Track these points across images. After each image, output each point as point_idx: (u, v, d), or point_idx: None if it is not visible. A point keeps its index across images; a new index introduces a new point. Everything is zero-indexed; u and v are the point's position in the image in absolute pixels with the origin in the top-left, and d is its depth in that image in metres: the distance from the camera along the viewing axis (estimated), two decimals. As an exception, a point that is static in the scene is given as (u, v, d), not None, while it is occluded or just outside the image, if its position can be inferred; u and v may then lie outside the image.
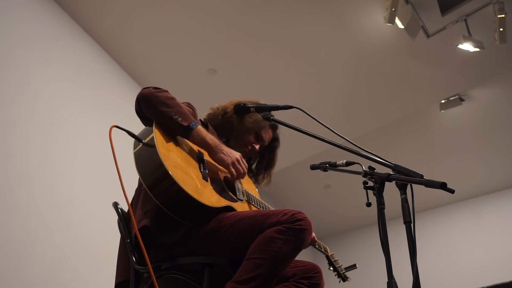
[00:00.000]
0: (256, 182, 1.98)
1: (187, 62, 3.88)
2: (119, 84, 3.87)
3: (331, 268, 2.12)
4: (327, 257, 2.09)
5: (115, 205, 1.71)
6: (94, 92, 3.51)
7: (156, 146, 1.40)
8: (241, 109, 1.85)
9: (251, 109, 1.80)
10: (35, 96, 2.92)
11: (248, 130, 1.85)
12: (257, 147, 1.89)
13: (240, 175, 1.57)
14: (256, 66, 4.04)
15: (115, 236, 1.64)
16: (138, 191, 1.62)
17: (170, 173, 1.35)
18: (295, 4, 3.58)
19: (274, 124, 1.94)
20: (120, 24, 3.64)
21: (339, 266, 2.12)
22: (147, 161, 1.43)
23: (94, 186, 3.04)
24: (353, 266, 2.10)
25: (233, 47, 3.86)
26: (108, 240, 2.23)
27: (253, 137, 1.87)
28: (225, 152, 1.56)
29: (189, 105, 1.76)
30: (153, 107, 1.50)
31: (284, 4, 3.57)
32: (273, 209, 1.86)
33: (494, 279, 4.64)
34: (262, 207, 1.82)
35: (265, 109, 1.77)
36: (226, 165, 1.55)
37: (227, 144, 1.85)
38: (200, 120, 1.78)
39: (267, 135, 1.94)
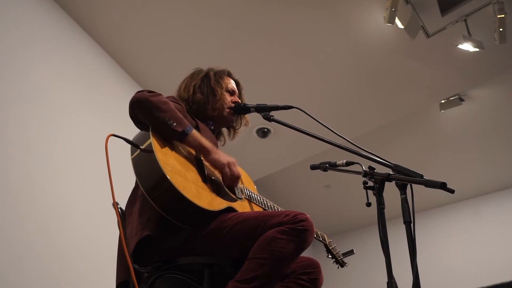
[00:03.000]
0: (235, 128, 1.99)
1: (188, 62, 3.86)
2: (120, 84, 3.87)
3: (329, 256, 2.14)
4: (325, 245, 2.10)
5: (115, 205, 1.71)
6: (94, 92, 3.51)
7: (154, 152, 1.39)
8: (241, 109, 1.86)
9: (251, 109, 1.81)
10: (35, 96, 2.92)
11: (217, 92, 1.85)
12: (236, 98, 1.93)
13: (233, 178, 1.59)
14: (257, 66, 4.04)
15: (115, 236, 1.64)
16: (134, 192, 1.62)
17: (169, 179, 1.35)
18: (295, 4, 3.58)
19: (228, 71, 1.99)
20: (120, 23, 3.64)
21: (337, 252, 2.14)
22: (146, 168, 1.42)
23: (94, 186, 3.04)
24: (351, 252, 2.13)
25: (233, 47, 3.86)
26: (108, 240, 2.23)
27: (226, 95, 1.89)
28: (220, 154, 1.58)
29: (175, 100, 1.74)
30: (147, 112, 1.49)
31: (284, 3, 3.57)
32: (274, 204, 1.87)
33: (494, 279, 4.64)
34: (264, 204, 1.82)
35: (265, 109, 1.78)
36: (220, 166, 1.57)
37: (213, 123, 1.87)
38: (188, 114, 1.76)
39: (232, 84, 1.96)
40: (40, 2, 3.25)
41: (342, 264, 2.16)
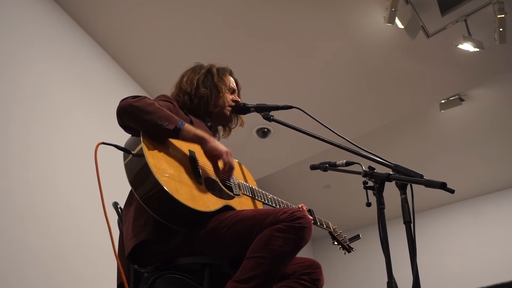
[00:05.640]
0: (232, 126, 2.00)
1: (188, 62, 3.87)
2: (120, 84, 3.87)
3: (335, 243, 2.12)
4: (330, 233, 2.09)
5: (115, 205, 1.71)
6: (94, 91, 3.50)
7: (145, 156, 1.38)
8: (241, 109, 1.86)
9: (251, 109, 1.81)
10: (35, 96, 2.91)
11: (220, 89, 1.86)
12: (237, 97, 1.93)
13: (230, 167, 1.54)
14: (257, 66, 4.04)
15: (115, 237, 1.64)
16: (132, 192, 1.61)
17: (161, 184, 1.34)
18: (295, 4, 3.58)
19: (230, 69, 1.98)
20: (120, 23, 3.64)
21: (343, 238, 2.13)
22: (138, 173, 1.41)
23: (94, 186, 3.03)
24: (357, 237, 2.13)
25: (233, 46, 3.86)
26: (107, 241, 2.22)
27: (228, 94, 1.89)
28: (218, 142, 1.55)
29: (166, 98, 1.74)
30: (135, 118, 1.47)
31: (284, 3, 3.57)
32: (274, 197, 1.87)
33: (494, 279, 4.64)
34: (265, 198, 1.82)
35: (265, 109, 1.77)
36: (219, 153, 1.52)
37: (211, 119, 1.87)
38: (182, 110, 1.76)
39: (233, 83, 1.96)
40: (40, 2, 3.24)
41: (349, 249, 2.15)
